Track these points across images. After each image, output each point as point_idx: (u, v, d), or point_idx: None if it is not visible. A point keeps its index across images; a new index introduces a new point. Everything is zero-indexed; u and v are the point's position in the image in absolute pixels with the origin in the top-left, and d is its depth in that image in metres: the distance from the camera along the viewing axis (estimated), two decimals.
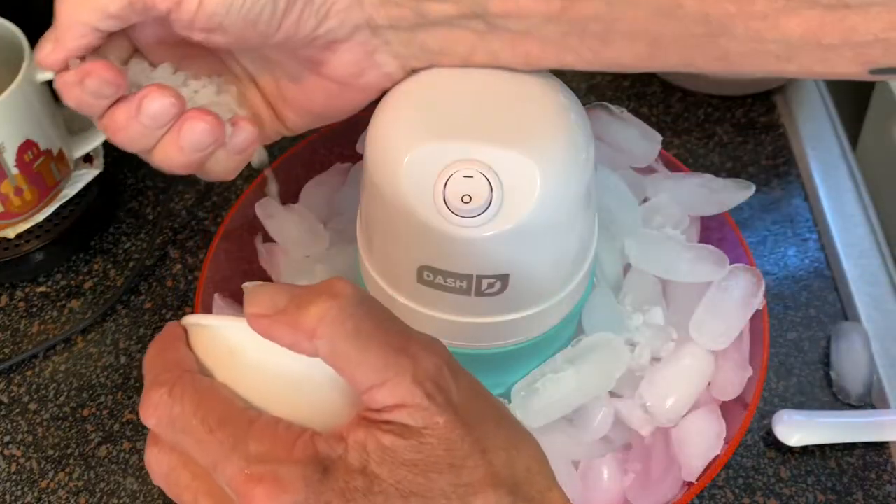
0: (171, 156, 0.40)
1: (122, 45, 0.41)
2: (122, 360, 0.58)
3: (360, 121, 0.60)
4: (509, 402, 0.47)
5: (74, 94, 0.39)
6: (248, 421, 0.30)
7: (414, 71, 0.43)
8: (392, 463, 0.29)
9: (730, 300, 0.51)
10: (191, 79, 0.42)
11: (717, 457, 0.47)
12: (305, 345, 0.30)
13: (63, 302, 0.61)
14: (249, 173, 0.68)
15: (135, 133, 0.39)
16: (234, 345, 0.32)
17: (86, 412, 0.56)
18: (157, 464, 0.32)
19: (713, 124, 0.70)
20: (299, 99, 0.44)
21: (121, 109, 0.39)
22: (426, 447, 0.29)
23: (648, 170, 0.57)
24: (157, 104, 0.38)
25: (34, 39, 0.56)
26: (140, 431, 0.55)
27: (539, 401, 0.47)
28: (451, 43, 0.41)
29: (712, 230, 0.56)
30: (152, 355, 0.33)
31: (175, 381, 0.31)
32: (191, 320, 0.34)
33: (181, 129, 0.39)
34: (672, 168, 0.57)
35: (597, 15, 0.39)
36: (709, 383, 0.51)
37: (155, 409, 0.31)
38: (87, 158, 0.63)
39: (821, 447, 0.54)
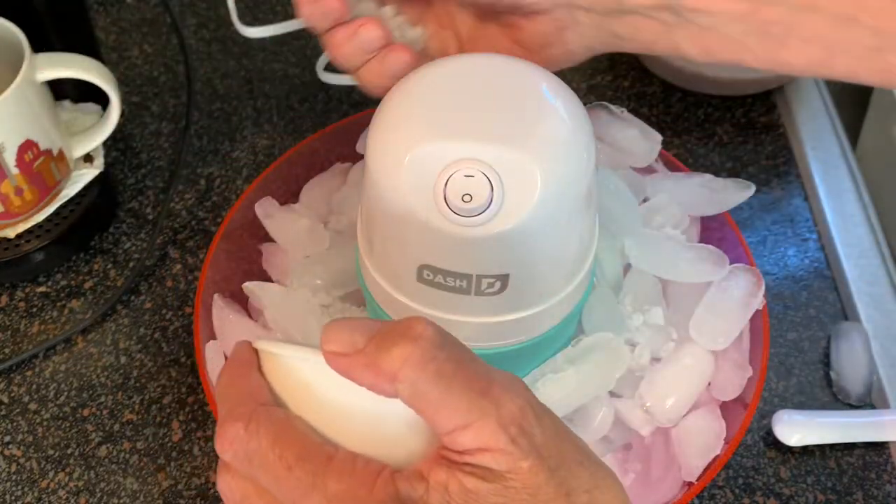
0: (373, 78, 0.46)
1: None
2: (122, 360, 0.58)
3: (360, 121, 0.60)
4: None
5: (307, 10, 0.46)
6: (326, 457, 0.31)
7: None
8: None
9: (730, 300, 0.51)
10: (406, 25, 0.49)
11: (717, 457, 0.47)
12: (386, 387, 0.30)
13: (63, 302, 0.61)
14: (249, 173, 0.68)
15: (348, 52, 0.46)
16: (308, 378, 0.33)
17: (86, 412, 0.56)
18: (231, 491, 0.32)
19: (713, 124, 0.70)
20: None
21: (341, 30, 0.46)
22: (510, 491, 0.29)
23: (648, 170, 0.57)
24: (369, 33, 0.45)
25: (34, 39, 0.56)
26: (140, 431, 0.55)
27: None
28: (638, 31, 0.44)
29: (712, 230, 0.56)
30: (225, 383, 0.34)
31: (250, 416, 0.32)
32: (264, 346, 0.34)
33: (385, 56, 0.46)
34: (672, 168, 0.58)
35: (780, 19, 0.41)
36: (709, 383, 0.51)
37: (230, 444, 0.32)
38: (87, 158, 0.63)
39: (821, 447, 0.54)
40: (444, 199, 0.39)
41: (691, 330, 0.51)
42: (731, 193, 0.56)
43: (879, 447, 0.54)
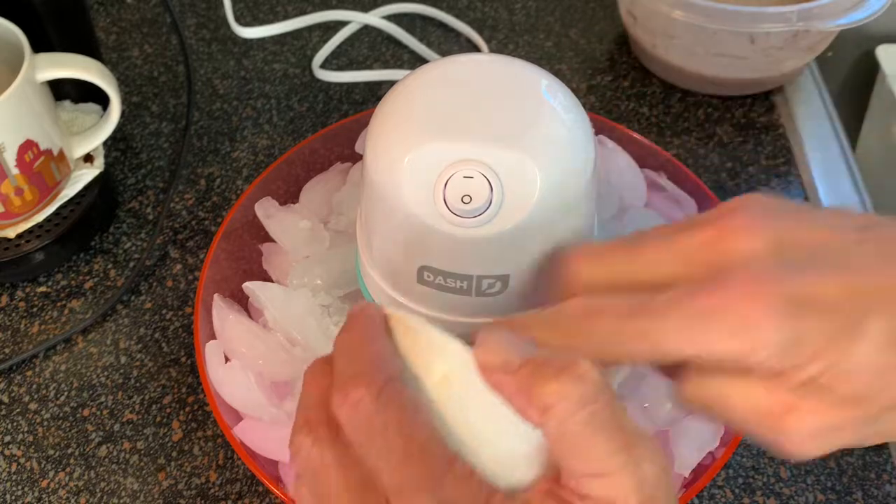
0: None
1: None
2: (123, 360, 0.58)
3: (360, 121, 0.60)
4: None
5: None
6: (447, 461, 0.30)
7: None
8: None
9: None
10: None
11: (717, 458, 0.47)
12: (534, 416, 0.30)
13: (63, 302, 0.61)
14: (249, 173, 0.68)
15: None
16: (450, 369, 0.31)
17: (86, 412, 0.56)
18: (309, 455, 0.31)
19: (713, 124, 0.70)
20: None
21: None
22: None
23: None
24: None
25: (34, 39, 0.57)
26: (140, 431, 0.55)
27: None
28: None
29: None
30: (354, 342, 0.32)
31: (383, 386, 0.30)
32: (406, 319, 0.32)
33: None
34: (672, 170, 0.57)
35: None
36: None
37: (353, 408, 0.30)
38: (87, 158, 0.63)
39: None
40: (444, 200, 0.39)
41: None
42: None
43: (879, 447, 0.54)
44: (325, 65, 0.75)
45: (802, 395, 0.33)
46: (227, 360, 0.51)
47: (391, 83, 0.66)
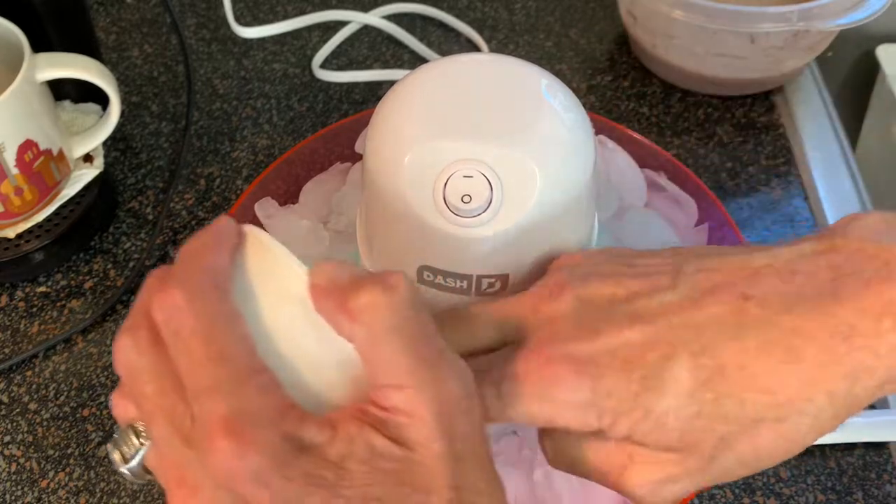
0: None
1: None
2: None
3: (360, 121, 0.60)
4: None
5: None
6: (252, 370, 0.30)
7: None
8: (371, 465, 0.29)
9: None
10: None
11: None
12: (345, 325, 0.30)
13: (63, 302, 0.61)
14: (249, 173, 0.68)
15: None
16: (288, 290, 0.32)
17: (86, 412, 0.56)
18: (127, 357, 0.31)
19: (713, 124, 0.70)
20: None
21: None
22: (408, 463, 0.29)
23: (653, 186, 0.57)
24: None
25: (34, 39, 0.57)
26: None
27: None
28: None
29: (712, 230, 0.56)
30: (193, 250, 0.32)
31: (202, 292, 0.30)
32: (264, 239, 0.32)
33: None
34: (672, 169, 0.57)
35: None
36: None
37: (168, 309, 0.30)
38: (87, 158, 0.63)
39: (821, 447, 0.54)
40: (444, 199, 0.39)
41: None
42: None
43: (879, 447, 0.54)
44: (325, 65, 0.75)
45: (630, 451, 0.34)
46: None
47: (391, 83, 0.66)
